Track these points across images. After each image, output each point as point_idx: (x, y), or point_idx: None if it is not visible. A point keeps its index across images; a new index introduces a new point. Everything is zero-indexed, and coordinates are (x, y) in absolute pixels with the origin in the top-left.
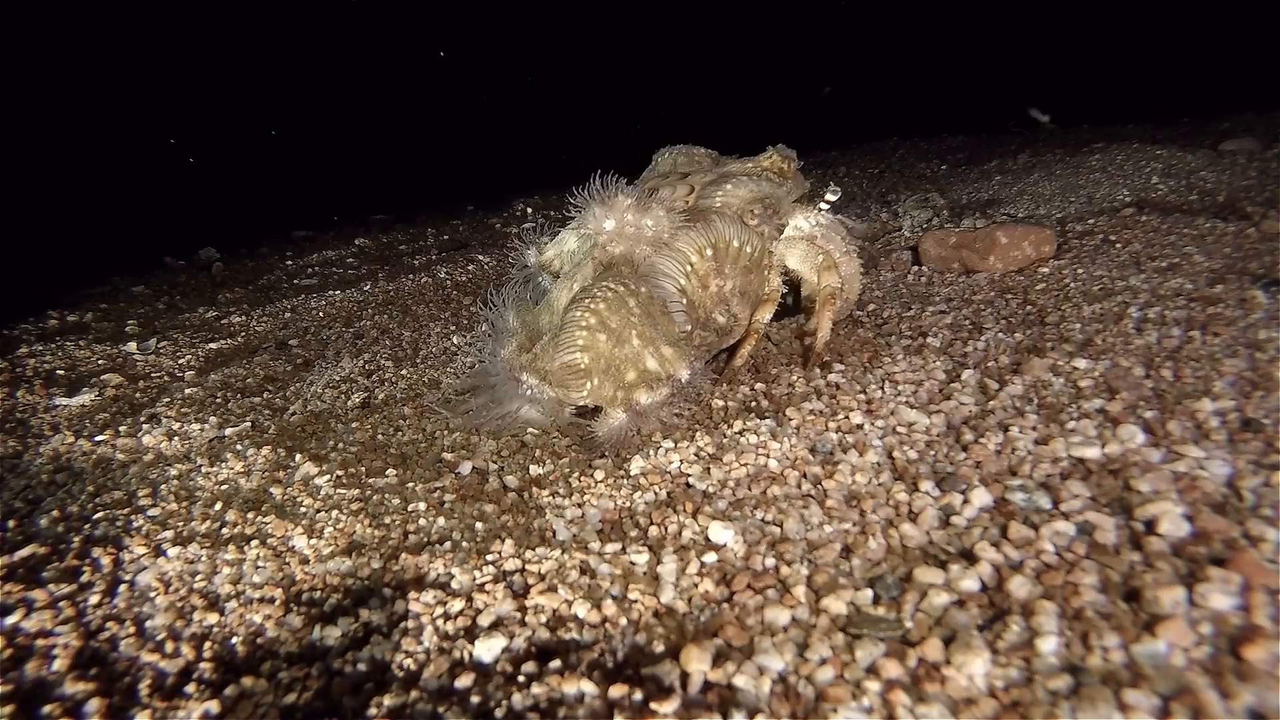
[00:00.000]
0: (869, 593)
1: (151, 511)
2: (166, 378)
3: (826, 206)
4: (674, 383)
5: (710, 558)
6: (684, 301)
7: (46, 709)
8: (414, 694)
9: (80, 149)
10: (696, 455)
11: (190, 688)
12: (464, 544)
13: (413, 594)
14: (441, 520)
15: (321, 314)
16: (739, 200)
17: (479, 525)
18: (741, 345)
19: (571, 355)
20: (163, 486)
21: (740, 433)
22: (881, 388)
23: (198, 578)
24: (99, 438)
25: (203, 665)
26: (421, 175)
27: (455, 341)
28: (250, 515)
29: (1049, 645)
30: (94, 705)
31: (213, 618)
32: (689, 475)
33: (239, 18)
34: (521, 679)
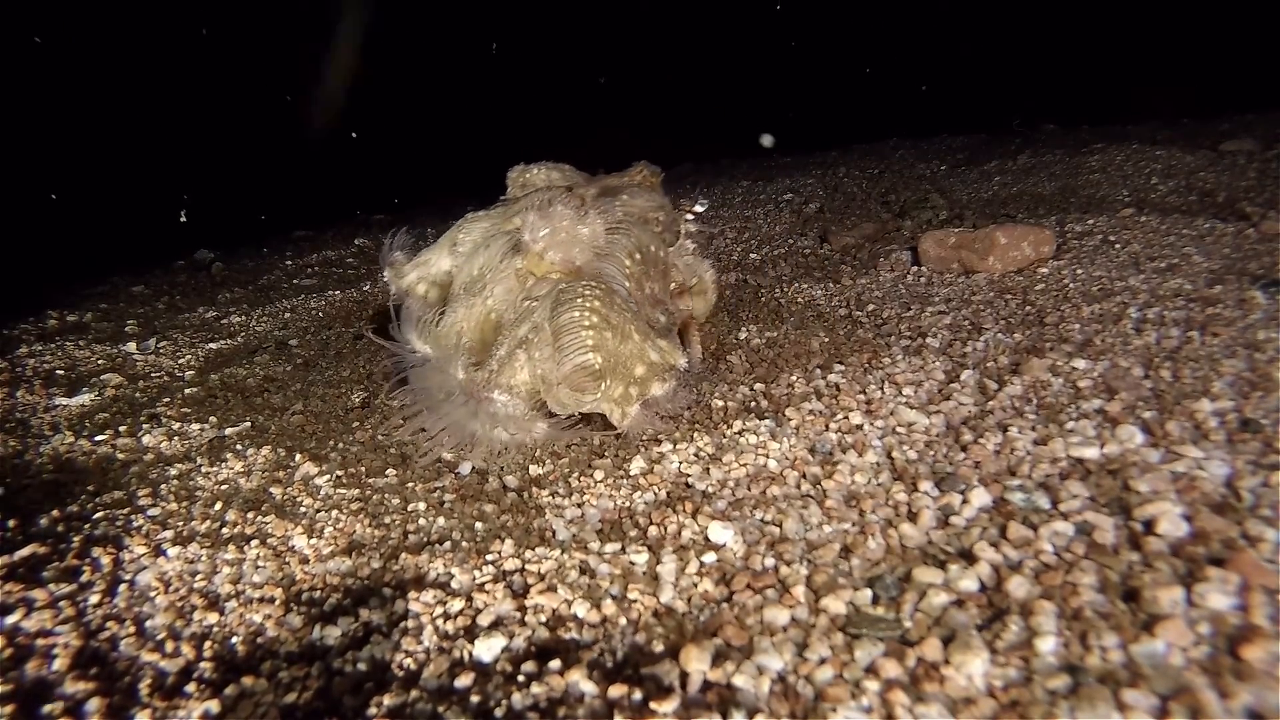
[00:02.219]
0: (868, 593)
1: (151, 511)
2: (166, 378)
3: (692, 218)
4: (675, 372)
5: (710, 558)
6: (633, 304)
7: (47, 708)
8: (414, 693)
9: (80, 150)
10: (696, 455)
11: (190, 687)
12: (464, 544)
13: (413, 594)
14: (441, 520)
15: (321, 314)
16: (639, 210)
17: (479, 525)
18: (689, 334)
19: (583, 356)
20: (163, 486)
21: (740, 433)
22: (881, 388)
23: (198, 577)
24: (99, 438)
25: (203, 665)
26: (421, 175)
27: None
28: (250, 515)
29: (1048, 645)
30: (94, 705)
31: (213, 617)
32: (689, 475)
33: (240, 17)
34: (521, 678)
